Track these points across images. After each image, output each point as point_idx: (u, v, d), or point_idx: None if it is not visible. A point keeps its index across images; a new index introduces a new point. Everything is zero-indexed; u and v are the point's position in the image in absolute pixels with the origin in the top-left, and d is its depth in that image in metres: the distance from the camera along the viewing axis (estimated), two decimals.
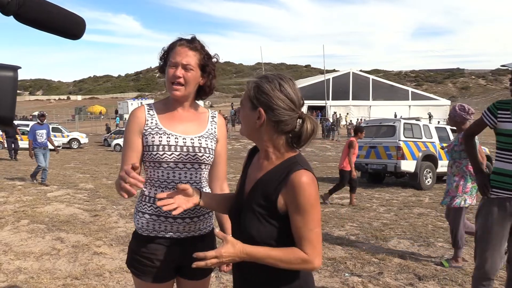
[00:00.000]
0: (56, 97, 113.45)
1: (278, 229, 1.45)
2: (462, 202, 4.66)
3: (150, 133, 1.89)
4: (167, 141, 1.88)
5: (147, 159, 1.90)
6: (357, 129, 8.97)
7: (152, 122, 1.91)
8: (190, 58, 1.86)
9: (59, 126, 29.14)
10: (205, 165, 1.95)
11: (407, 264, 4.77)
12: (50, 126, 27.92)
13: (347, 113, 43.02)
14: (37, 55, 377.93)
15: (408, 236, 6.04)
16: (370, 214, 7.61)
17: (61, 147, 25.35)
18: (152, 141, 1.88)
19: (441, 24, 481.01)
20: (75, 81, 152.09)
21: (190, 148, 1.90)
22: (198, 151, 1.91)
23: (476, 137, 3.94)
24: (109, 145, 27.82)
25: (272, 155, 1.52)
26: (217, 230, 1.52)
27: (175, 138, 1.89)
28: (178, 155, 1.87)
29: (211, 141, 1.97)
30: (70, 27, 0.86)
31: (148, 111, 1.95)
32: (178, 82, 1.85)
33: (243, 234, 1.48)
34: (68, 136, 27.92)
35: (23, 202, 8.00)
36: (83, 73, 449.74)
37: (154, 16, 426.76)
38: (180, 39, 1.91)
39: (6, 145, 18.42)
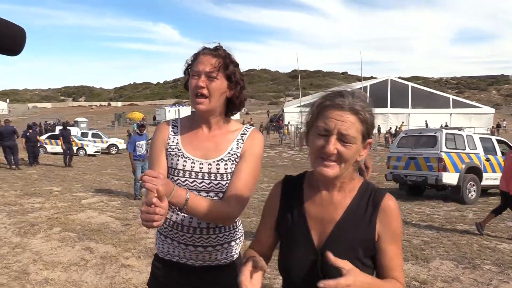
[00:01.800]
0: (98, 103, 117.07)
1: (370, 270, 1.25)
2: None
3: (170, 153, 1.73)
4: (183, 165, 1.70)
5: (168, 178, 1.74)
6: None
7: (173, 142, 1.75)
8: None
9: (99, 132, 29.90)
10: (223, 193, 1.71)
11: None
12: (90, 132, 28.86)
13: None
14: (80, 63, 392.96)
15: (452, 256, 5.62)
16: (410, 231, 7.19)
17: (99, 153, 25.99)
18: (171, 163, 1.72)
19: (484, 28, 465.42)
20: (115, 88, 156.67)
21: (206, 175, 1.69)
22: (213, 178, 1.69)
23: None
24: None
25: (346, 185, 1.31)
26: (330, 256, 1.12)
27: (192, 162, 1.70)
28: (192, 182, 1.68)
29: (231, 164, 1.71)
30: (5, 42, 0.66)
31: (172, 129, 1.78)
32: (202, 93, 1.65)
33: None
34: (107, 141, 28.60)
35: (57, 208, 8.10)
36: (123, 80, 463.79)
37: (192, 24, 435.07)
38: (203, 48, 1.72)
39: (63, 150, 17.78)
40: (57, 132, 27.00)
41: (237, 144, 1.75)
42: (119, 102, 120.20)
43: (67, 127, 19.50)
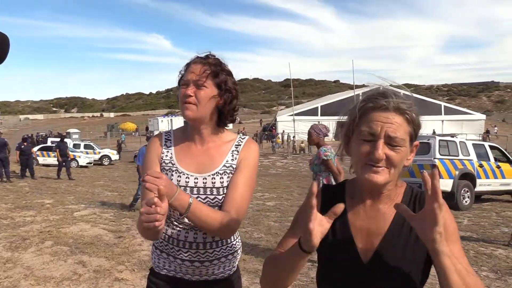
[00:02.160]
0: (90, 114, 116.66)
1: (422, 285, 1.16)
2: None
3: (164, 168, 1.69)
4: (177, 180, 1.65)
5: None
6: None
7: (167, 156, 1.71)
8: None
9: (91, 143, 29.69)
10: (218, 208, 1.66)
11: None
12: (83, 143, 28.64)
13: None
14: (72, 74, 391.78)
15: None
16: None
17: (92, 164, 25.80)
18: None
19: (474, 36, 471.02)
20: (108, 98, 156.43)
21: (202, 189, 1.65)
22: (209, 193, 1.65)
23: (332, 151, 5.00)
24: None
25: (391, 193, 1.22)
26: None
27: (186, 177, 1.66)
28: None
29: (227, 177, 1.67)
30: None
31: (166, 142, 1.74)
32: (189, 101, 1.62)
33: None
34: (99, 152, 28.41)
35: (49, 221, 7.98)
36: (116, 90, 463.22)
37: (184, 34, 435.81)
38: (195, 57, 1.69)
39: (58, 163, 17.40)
40: (49, 143, 26.85)
41: (232, 155, 1.71)
42: (112, 112, 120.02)
43: (64, 140, 18.94)
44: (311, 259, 4.78)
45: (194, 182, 1.65)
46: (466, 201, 10.69)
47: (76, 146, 28.80)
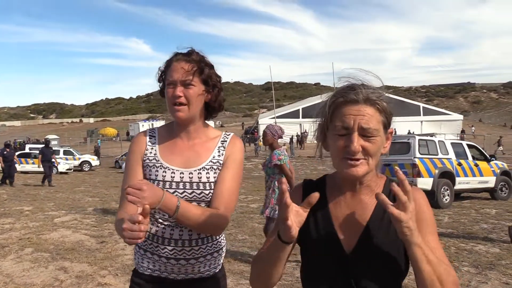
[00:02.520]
0: (69, 120, 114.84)
1: (406, 272, 1.17)
2: (272, 212, 5.15)
3: (148, 165, 1.67)
4: (162, 176, 1.63)
5: None
6: None
7: (151, 153, 1.68)
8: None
9: (71, 149, 29.24)
10: (205, 203, 1.65)
11: None
12: (62, 149, 28.13)
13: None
14: (50, 80, 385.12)
15: None
16: None
17: (72, 170, 25.38)
18: (149, 174, 1.66)
19: (451, 39, 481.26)
20: (87, 104, 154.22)
21: (188, 184, 1.63)
22: (196, 187, 1.63)
23: (285, 153, 5.17)
24: (120, 167, 27.76)
25: (371, 184, 1.23)
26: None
27: (172, 172, 1.64)
28: (173, 193, 1.61)
29: (214, 172, 1.66)
30: None
31: (150, 139, 1.72)
32: (180, 102, 1.60)
33: None
34: (79, 158, 27.98)
35: (29, 228, 7.80)
36: (95, 96, 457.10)
37: (164, 39, 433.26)
38: (176, 54, 1.67)
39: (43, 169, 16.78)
40: (27, 150, 26.31)
41: (219, 151, 1.71)
42: (91, 118, 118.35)
43: (49, 145, 17.99)
44: (296, 259, 4.79)
45: (180, 177, 1.64)
46: (446, 199, 10.87)
47: (55, 152, 28.28)
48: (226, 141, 1.74)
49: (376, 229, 1.17)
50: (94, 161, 28.52)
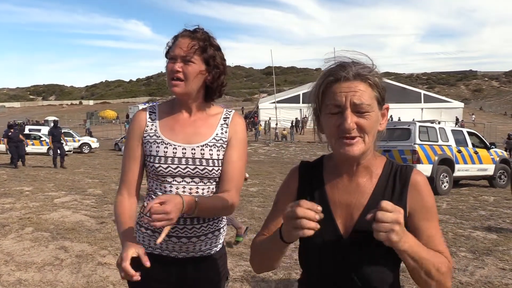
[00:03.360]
0: (69, 102, 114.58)
1: (399, 260, 1.15)
2: None
3: (148, 141, 1.66)
4: (164, 151, 1.63)
5: (147, 169, 1.69)
6: None
7: (151, 129, 1.67)
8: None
9: (70, 131, 29.19)
10: (208, 180, 1.66)
11: None
12: (69, 131, 28.10)
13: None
14: (50, 61, 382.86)
15: None
16: None
17: (71, 152, 25.40)
18: (149, 150, 1.65)
19: (453, 26, 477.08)
20: (87, 86, 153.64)
21: (190, 160, 1.63)
22: (199, 163, 1.63)
23: None
24: (120, 150, 27.79)
25: (370, 166, 1.20)
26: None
27: (173, 148, 1.64)
28: (175, 168, 1.62)
29: (217, 150, 1.66)
30: None
31: (150, 115, 1.71)
32: (177, 77, 1.59)
33: (361, 282, 1.14)
34: (79, 140, 27.97)
35: (29, 208, 7.84)
36: (95, 78, 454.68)
37: (164, 21, 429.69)
38: (183, 30, 1.65)
39: (52, 150, 16.56)
40: (26, 131, 26.28)
41: (222, 129, 1.70)
42: (91, 100, 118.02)
43: (58, 126, 17.33)
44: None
45: (182, 153, 1.64)
46: (445, 186, 10.90)
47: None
48: (228, 117, 1.74)
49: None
50: (94, 143, 28.52)
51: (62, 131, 17.76)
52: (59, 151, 16.30)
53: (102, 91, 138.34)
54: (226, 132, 1.70)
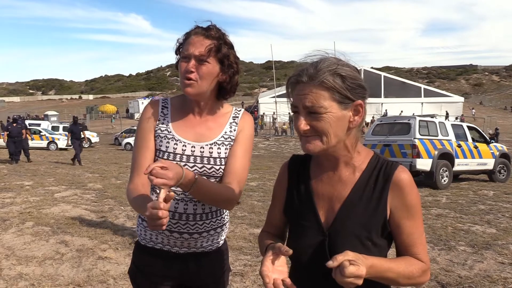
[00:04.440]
0: (68, 97, 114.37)
1: (384, 250, 1.20)
2: None
3: (159, 135, 1.64)
4: (173, 148, 1.62)
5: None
6: None
7: (163, 123, 1.66)
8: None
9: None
10: (215, 179, 1.65)
11: None
12: (61, 126, 28.08)
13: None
14: (49, 56, 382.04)
15: (428, 239, 5.73)
16: None
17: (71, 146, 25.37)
18: (160, 145, 1.63)
19: (454, 20, 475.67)
20: (86, 80, 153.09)
21: (198, 158, 1.62)
22: (206, 162, 1.62)
23: None
24: (120, 144, 27.80)
25: (354, 161, 1.23)
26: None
27: (183, 145, 1.62)
28: (183, 166, 1.57)
29: (225, 148, 1.66)
30: None
31: (162, 110, 1.69)
32: (190, 78, 1.55)
33: None
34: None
35: (29, 203, 7.86)
36: (94, 72, 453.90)
37: (163, 15, 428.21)
38: (196, 27, 1.60)
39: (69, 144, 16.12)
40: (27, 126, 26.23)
41: (231, 127, 1.70)
42: (91, 95, 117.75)
43: (77, 122, 16.74)
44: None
45: (191, 151, 1.63)
46: (444, 180, 10.92)
47: (55, 128, 28.31)
48: (238, 116, 1.73)
49: (354, 206, 1.19)
50: (94, 138, 28.52)
51: (82, 126, 17.23)
52: (80, 148, 15.73)
53: (101, 86, 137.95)
54: (234, 130, 1.70)
